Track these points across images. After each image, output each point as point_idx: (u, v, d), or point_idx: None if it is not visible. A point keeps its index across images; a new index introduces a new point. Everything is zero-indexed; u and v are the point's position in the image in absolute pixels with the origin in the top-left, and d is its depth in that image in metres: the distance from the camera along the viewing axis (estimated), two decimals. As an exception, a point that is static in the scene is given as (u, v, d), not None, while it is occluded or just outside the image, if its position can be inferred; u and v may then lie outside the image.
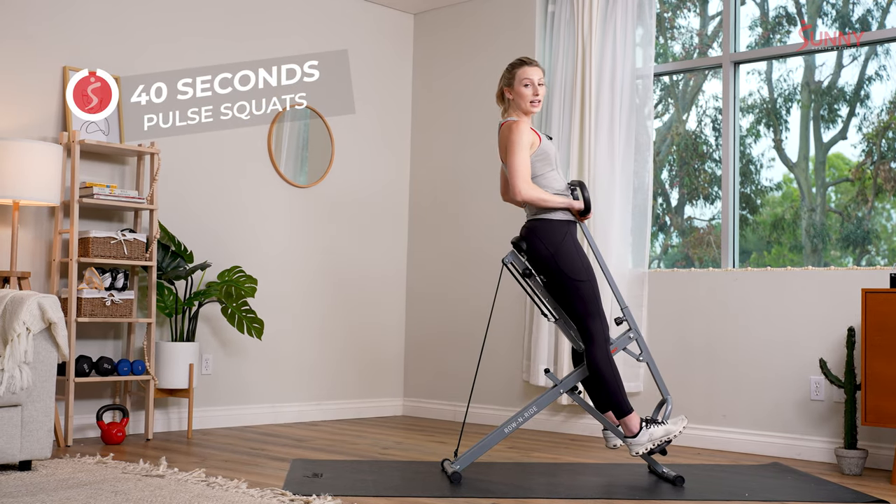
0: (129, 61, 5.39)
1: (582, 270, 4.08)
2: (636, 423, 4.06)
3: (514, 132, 4.14)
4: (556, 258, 4.07)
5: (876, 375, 4.34)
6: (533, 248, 4.13)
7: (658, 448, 4.07)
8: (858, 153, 5.42)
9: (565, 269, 4.07)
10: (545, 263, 4.11)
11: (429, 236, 6.77)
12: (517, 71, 4.25)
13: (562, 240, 4.09)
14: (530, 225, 4.17)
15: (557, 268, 4.08)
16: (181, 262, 5.45)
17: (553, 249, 4.08)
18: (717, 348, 5.35)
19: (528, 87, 4.22)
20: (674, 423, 4.09)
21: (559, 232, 4.10)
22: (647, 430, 4.05)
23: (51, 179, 4.81)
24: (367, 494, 3.74)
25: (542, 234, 4.11)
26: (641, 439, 4.05)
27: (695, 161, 6.02)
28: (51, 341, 4.10)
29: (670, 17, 6.19)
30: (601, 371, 4.05)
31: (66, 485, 3.68)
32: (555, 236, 4.09)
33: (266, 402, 6.02)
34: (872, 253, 5.36)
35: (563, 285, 4.10)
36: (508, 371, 6.17)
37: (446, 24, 6.82)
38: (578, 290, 4.08)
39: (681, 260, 6.00)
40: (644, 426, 4.06)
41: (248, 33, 5.98)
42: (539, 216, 4.15)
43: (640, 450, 4.06)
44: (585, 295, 4.08)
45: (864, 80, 5.39)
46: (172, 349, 5.30)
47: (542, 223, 4.13)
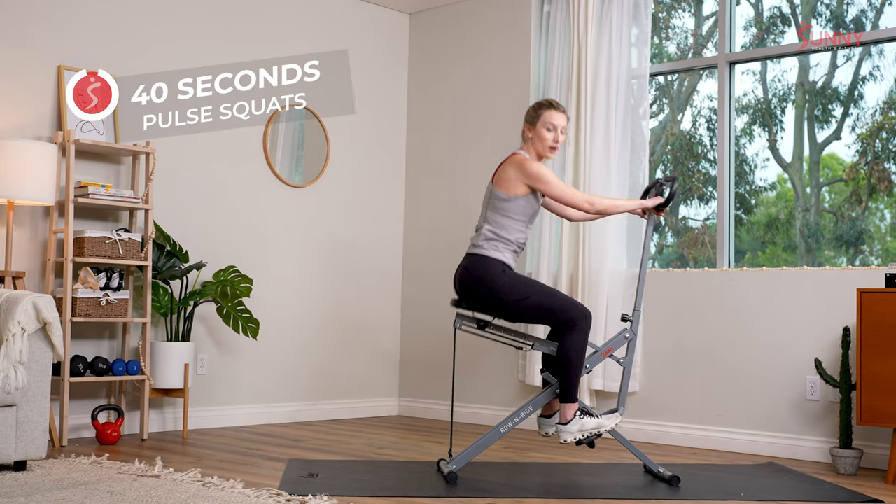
0: (126, 61, 5.38)
1: (524, 289, 4.09)
2: (572, 412, 4.08)
3: (538, 168, 4.12)
4: (496, 291, 4.07)
5: (871, 375, 4.35)
6: (472, 292, 4.13)
7: (587, 440, 4.10)
8: (852, 153, 5.43)
9: (510, 297, 4.07)
10: (490, 300, 4.11)
11: (424, 236, 6.77)
12: (543, 112, 4.21)
13: (495, 274, 4.08)
14: (466, 262, 4.18)
15: (501, 299, 4.08)
16: (176, 261, 5.44)
17: (489, 284, 4.08)
18: (713, 348, 5.36)
19: (551, 131, 4.21)
20: (607, 418, 4.11)
21: (493, 267, 4.10)
22: (579, 420, 4.07)
23: (46, 179, 4.80)
24: (362, 494, 3.74)
25: (476, 271, 4.11)
26: (572, 428, 4.06)
27: (689, 161, 6.03)
28: (46, 341, 4.09)
29: (665, 17, 6.20)
30: (569, 356, 4.06)
31: (62, 485, 3.67)
32: (489, 272, 4.09)
33: (261, 401, 6.02)
34: (866, 253, 5.37)
35: (517, 311, 4.11)
36: (504, 371, 6.17)
37: (442, 24, 6.82)
38: (533, 306, 4.08)
39: (675, 260, 6.01)
40: (578, 415, 4.08)
41: (242, 34, 5.98)
42: (476, 251, 4.15)
43: (570, 438, 4.07)
44: (543, 304, 4.09)
45: (858, 81, 5.41)
46: (168, 349, 5.29)
47: (478, 259, 4.13)
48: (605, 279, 5.63)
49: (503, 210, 4.15)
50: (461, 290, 4.19)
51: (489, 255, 4.11)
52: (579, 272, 5.68)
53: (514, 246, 4.17)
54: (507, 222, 4.15)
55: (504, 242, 4.13)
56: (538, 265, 5.85)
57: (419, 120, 6.89)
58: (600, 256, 5.64)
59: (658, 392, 5.52)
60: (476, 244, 4.17)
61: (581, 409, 4.11)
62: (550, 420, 4.25)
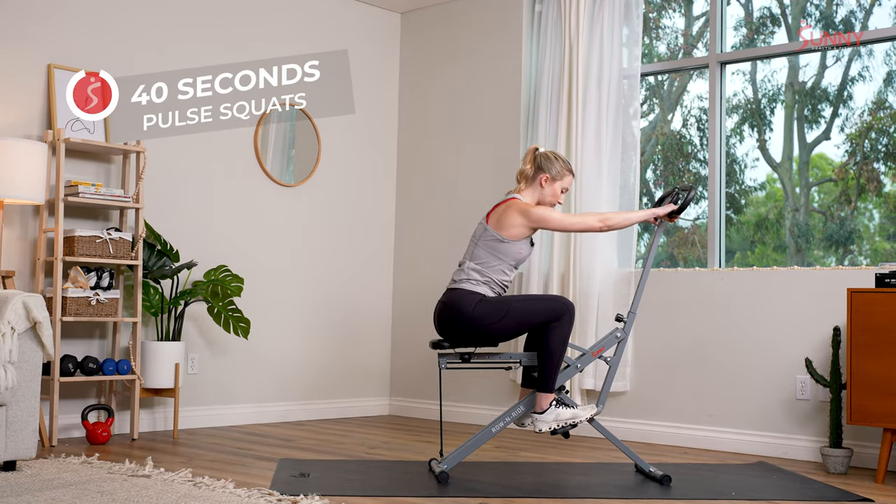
0: (117, 60, 5.36)
1: (500, 307, 4.10)
2: (548, 402, 4.10)
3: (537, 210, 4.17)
4: (475, 321, 4.09)
5: (861, 375, 4.36)
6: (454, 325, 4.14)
7: (562, 429, 4.11)
8: (842, 153, 5.45)
9: (489, 321, 4.08)
10: (473, 330, 4.12)
11: (415, 236, 6.77)
12: (568, 177, 4.30)
13: (473, 305, 4.10)
14: (445, 298, 4.20)
15: (483, 325, 4.09)
16: (167, 261, 5.43)
17: (468, 315, 4.09)
18: (704, 348, 5.37)
19: (564, 193, 4.33)
20: (583, 409, 4.13)
21: (470, 300, 4.11)
22: (554, 410, 4.09)
23: (36, 178, 4.78)
24: (354, 494, 3.74)
25: (456, 304, 4.12)
26: (547, 417, 4.09)
27: (679, 161, 6.04)
28: (36, 341, 4.07)
29: (655, 17, 6.21)
30: (552, 346, 4.06)
31: (52, 485, 3.66)
32: (465, 302, 4.10)
33: (252, 401, 6.01)
34: (855, 253, 5.39)
35: (502, 331, 4.12)
36: (495, 371, 6.17)
37: (433, 24, 6.82)
38: (513, 318, 4.09)
39: (665, 259, 6.02)
40: (553, 405, 4.10)
41: (238, 34, 5.96)
42: (457, 286, 4.17)
43: (544, 427, 4.09)
44: (523, 311, 4.10)
45: (848, 81, 5.43)
46: (158, 348, 5.27)
47: (455, 293, 4.16)
48: (596, 279, 5.64)
49: (496, 251, 4.17)
50: (440, 326, 4.21)
51: (466, 288, 4.14)
52: (570, 272, 5.69)
53: (497, 287, 4.19)
54: (494, 263, 4.17)
55: (485, 282, 4.16)
56: (529, 266, 5.85)
57: (410, 119, 6.89)
58: (591, 256, 5.65)
59: (649, 391, 5.53)
60: (456, 279, 4.21)
61: (557, 400, 4.13)
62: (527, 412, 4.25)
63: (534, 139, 5.98)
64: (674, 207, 4.30)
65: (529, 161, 4.33)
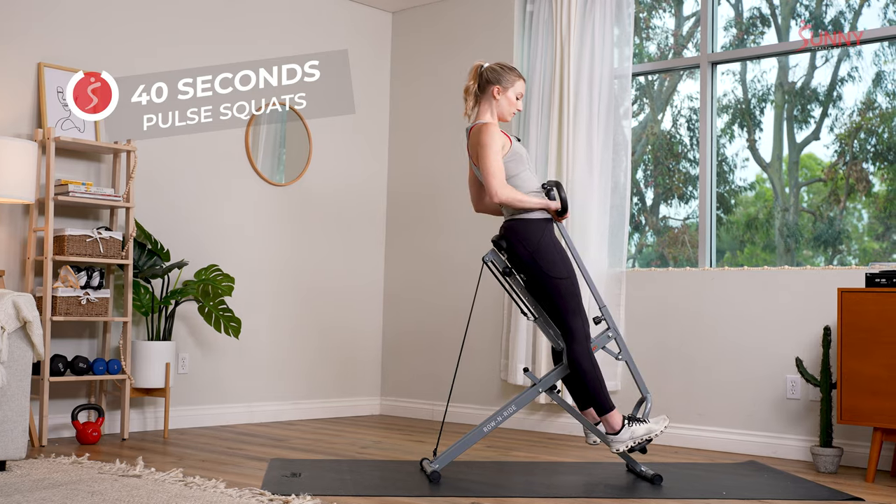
0: (109, 58, 5.35)
1: (562, 268, 4.09)
2: (618, 421, 4.08)
3: (486, 134, 4.12)
4: (536, 257, 4.08)
5: (851, 374, 4.38)
6: (512, 248, 4.13)
7: (639, 446, 4.09)
8: (831, 154, 5.47)
9: (545, 268, 4.08)
10: (525, 262, 4.12)
11: (406, 235, 6.76)
12: (518, 82, 4.25)
13: (540, 238, 4.10)
14: (508, 225, 4.18)
15: (537, 266, 4.08)
16: (158, 260, 5.42)
17: (532, 248, 4.09)
18: (695, 347, 5.38)
19: (519, 99, 4.27)
20: (656, 422, 4.11)
21: (538, 231, 4.11)
22: (629, 428, 4.07)
23: (25, 177, 4.76)
24: (346, 494, 3.73)
25: (521, 234, 4.12)
26: (623, 436, 4.06)
27: (670, 161, 6.06)
28: (26, 340, 4.06)
29: (646, 17, 6.22)
30: (582, 367, 4.06)
31: (42, 485, 3.65)
32: (533, 235, 4.10)
33: (243, 401, 6.00)
34: (844, 253, 5.42)
35: (543, 284, 4.11)
36: (487, 370, 6.17)
37: (425, 23, 6.82)
38: (558, 287, 4.08)
39: (655, 259, 6.03)
40: (626, 424, 4.08)
41: (224, 36, 5.95)
42: (517, 216, 4.15)
43: (622, 447, 4.07)
44: (565, 292, 4.09)
45: (837, 82, 5.44)
46: (148, 348, 5.26)
47: (520, 223, 4.14)
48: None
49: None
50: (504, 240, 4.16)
51: (528, 216, 4.12)
52: (561, 271, 5.69)
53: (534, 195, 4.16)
54: (515, 182, 4.15)
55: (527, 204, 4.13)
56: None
57: (402, 118, 6.88)
58: (582, 257, 5.63)
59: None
60: (508, 217, 4.19)
61: (628, 417, 4.11)
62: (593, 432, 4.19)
63: (525, 139, 5.98)
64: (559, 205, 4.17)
65: (473, 77, 4.27)
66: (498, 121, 4.27)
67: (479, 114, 4.27)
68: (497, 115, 4.25)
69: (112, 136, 5.26)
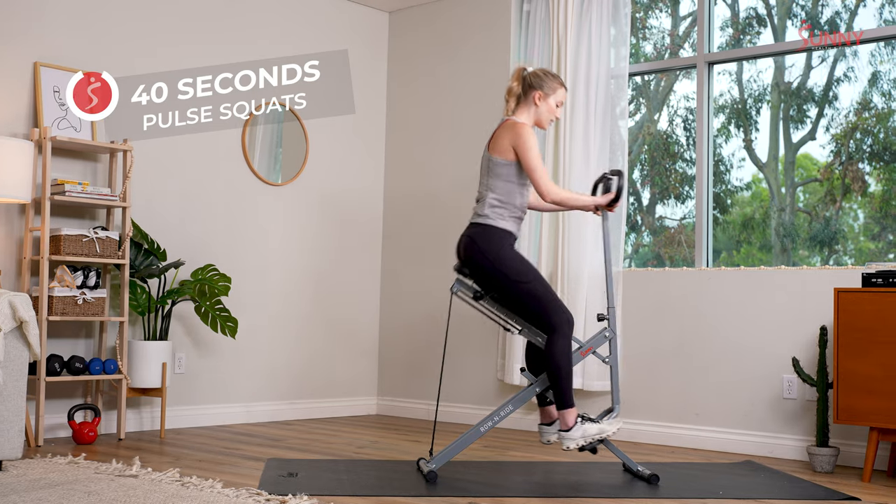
0: (104, 58, 5.34)
1: (526, 272, 4.10)
2: (573, 418, 4.09)
3: (529, 134, 4.14)
4: (498, 264, 4.08)
5: (848, 374, 4.39)
6: (475, 262, 4.13)
7: (589, 446, 4.10)
8: (827, 154, 5.48)
9: (510, 274, 4.07)
10: (490, 273, 4.11)
11: (403, 235, 6.76)
12: (561, 90, 4.27)
13: (501, 247, 4.10)
14: (471, 232, 4.17)
15: (502, 274, 4.08)
16: (154, 260, 5.41)
17: (493, 256, 4.08)
18: (691, 347, 5.39)
19: (559, 107, 4.28)
20: (608, 423, 4.12)
21: (498, 238, 4.11)
22: (580, 426, 4.07)
23: (22, 176, 4.75)
24: (342, 494, 3.73)
25: (482, 241, 4.11)
26: (574, 434, 4.07)
27: (666, 161, 6.06)
28: (22, 340, 4.05)
29: (642, 17, 6.23)
30: (558, 362, 4.06)
31: (38, 485, 3.64)
32: (494, 243, 4.10)
33: (239, 401, 5.99)
34: (840, 252, 5.42)
35: (512, 291, 4.11)
36: (483, 370, 6.17)
37: (422, 23, 6.81)
38: (529, 291, 4.09)
39: (652, 259, 6.04)
40: (579, 422, 4.09)
41: (224, 36, 5.95)
42: (482, 221, 4.15)
43: (572, 445, 4.08)
44: (537, 293, 4.09)
45: (833, 82, 5.45)
46: (145, 348, 5.25)
47: (484, 229, 4.13)
48: (584, 279, 5.65)
49: (504, 175, 4.16)
50: (465, 259, 4.18)
51: (495, 224, 4.12)
52: (558, 272, 5.70)
53: (518, 212, 4.18)
54: (509, 187, 4.15)
55: (509, 209, 4.14)
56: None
57: (399, 118, 6.88)
58: (579, 257, 5.66)
59: (636, 391, 5.55)
60: (480, 213, 4.17)
61: (582, 416, 4.12)
62: (551, 428, 4.24)
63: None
64: (611, 196, 4.26)
65: (516, 79, 4.29)
66: (535, 126, 4.29)
67: (517, 114, 4.29)
68: (535, 120, 4.27)
69: (112, 137, 5.25)
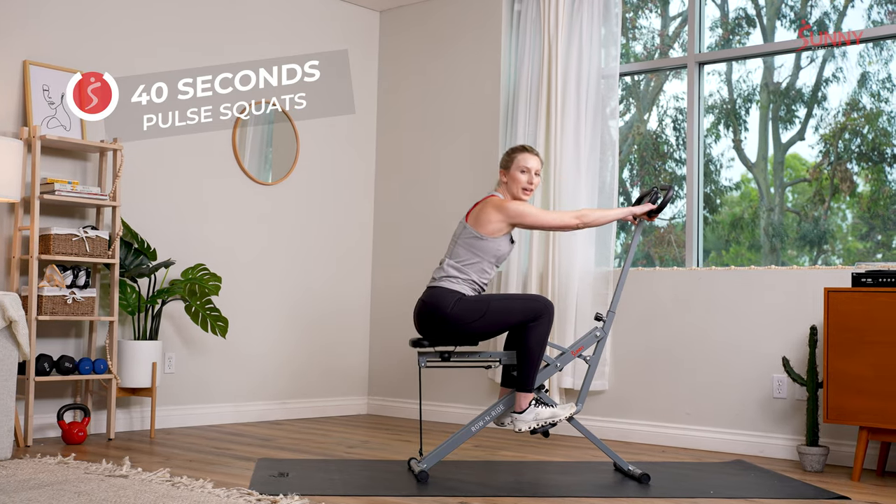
0: (96, 57, 5.32)
1: (478, 305, 4.11)
2: (527, 401, 4.13)
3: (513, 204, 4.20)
4: (453, 318, 4.09)
5: (838, 373, 4.40)
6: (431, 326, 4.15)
7: (541, 429, 4.14)
8: (816, 154, 5.50)
9: (468, 321, 4.09)
10: (450, 330, 4.13)
11: (393, 234, 6.76)
12: (516, 156, 4.30)
13: (450, 303, 4.10)
14: (424, 295, 4.20)
15: (462, 322, 4.10)
16: (144, 259, 5.39)
17: (444, 312, 4.10)
18: (682, 347, 5.40)
19: (525, 174, 4.28)
20: (562, 408, 4.16)
21: (448, 298, 4.12)
22: (533, 409, 4.12)
23: (11, 175, 4.73)
24: (334, 494, 3.73)
25: (433, 302, 4.13)
26: (527, 417, 4.11)
27: (656, 161, 6.08)
28: (11, 340, 4.05)
29: (632, 17, 6.24)
30: (531, 347, 4.08)
31: (28, 485, 3.62)
32: (443, 301, 4.11)
33: (230, 401, 5.98)
34: (828, 252, 5.44)
35: (482, 329, 4.13)
36: (474, 370, 6.17)
37: (412, 22, 6.81)
38: (494, 314, 4.10)
39: (641, 259, 6.05)
40: (532, 404, 4.12)
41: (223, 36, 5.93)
42: (434, 284, 4.19)
43: (524, 426, 4.12)
44: (502, 309, 4.11)
45: (822, 82, 5.47)
46: (135, 348, 5.24)
47: (433, 291, 4.16)
48: (575, 279, 5.66)
49: (476, 248, 4.19)
50: (420, 324, 4.21)
51: (445, 286, 4.15)
52: (549, 272, 5.71)
53: (475, 285, 4.21)
54: (474, 260, 4.19)
55: (465, 280, 4.17)
56: (508, 265, 5.86)
57: (389, 118, 6.87)
58: (570, 256, 5.66)
59: (627, 390, 5.56)
60: (436, 277, 4.22)
61: (536, 399, 4.15)
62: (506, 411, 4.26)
63: (513, 138, 5.99)
64: (652, 207, 4.33)
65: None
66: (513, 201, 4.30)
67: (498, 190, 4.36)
68: (510, 197, 4.31)
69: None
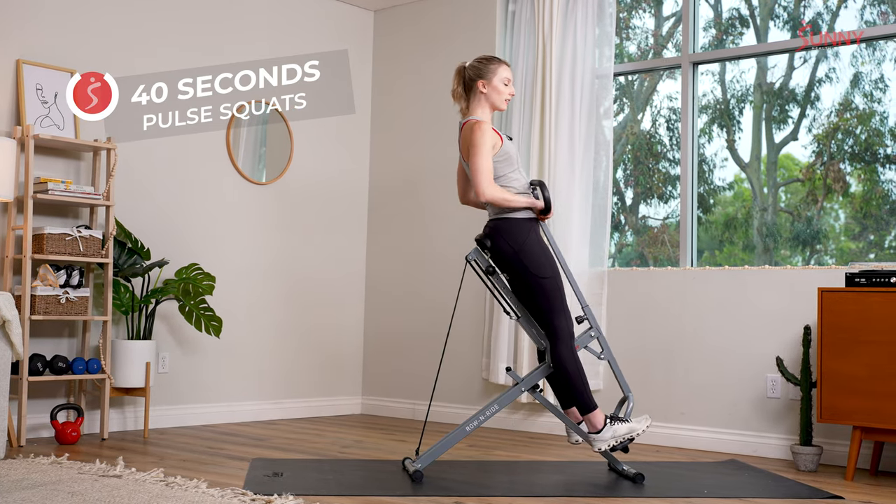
0: (85, 55, 5.31)
1: (546, 267, 4.10)
2: (600, 420, 4.09)
3: (477, 132, 4.13)
4: (520, 255, 4.09)
5: (831, 373, 4.41)
6: (497, 247, 4.13)
7: (620, 445, 4.11)
8: (809, 154, 5.51)
9: (530, 267, 4.08)
10: (509, 261, 4.12)
11: (388, 234, 6.76)
12: (500, 68, 4.26)
13: (525, 238, 4.10)
14: (493, 224, 4.17)
15: (522, 265, 4.09)
16: (138, 259, 5.38)
17: (517, 247, 4.09)
18: (676, 346, 5.41)
19: (507, 85, 4.26)
20: (637, 421, 4.13)
21: (523, 230, 4.11)
22: (610, 427, 4.08)
23: (4, 174, 4.72)
24: (328, 493, 3.72)
25: (505, 233, 4.12)
26: (605, 436, 4.08)
27: (649, 160, 6.08)
28: (4, 339, 4.04)
29: (626, 17, 6.25)
30: (566, 367, 4.08)
31: (21, 486, 3.61)
32: (518, 235, 4.10)
33: (223, 400, 5.97)
34: (821, 252, 5.46)
35: (527, 283, 4.11)
36: (468, 369, 6.17)
37: (407, 22, 6.81)
38: (542, 287, 4.09)
39: (635, 259, 6.06)
40: (608, 423, 4.09)
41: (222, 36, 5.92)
42: (502, 215, 4.15)
43: (603, 446, 4.09)
44: (550, 292, 4.10)
45: (815, 83, 5.48)
46: (128, 347, 5.22)
47: (505, 222, 4.14)
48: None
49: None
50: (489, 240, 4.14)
51: (512, 216, 4.12)
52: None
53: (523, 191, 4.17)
54: (502, 182, 4.15)
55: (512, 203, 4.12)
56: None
57: (383, 117, 6.87)
58: (564, 255, 5.66)
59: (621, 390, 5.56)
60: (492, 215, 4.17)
61: (611, 417, 4.12)
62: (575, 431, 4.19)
63: (506, 138, 5.99)
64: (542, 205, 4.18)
65: (457, 78, 4.32)
66: (494, 111, 4.29)
67: (471, 111, 4.29)
68: (490, 107, 4.27)
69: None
